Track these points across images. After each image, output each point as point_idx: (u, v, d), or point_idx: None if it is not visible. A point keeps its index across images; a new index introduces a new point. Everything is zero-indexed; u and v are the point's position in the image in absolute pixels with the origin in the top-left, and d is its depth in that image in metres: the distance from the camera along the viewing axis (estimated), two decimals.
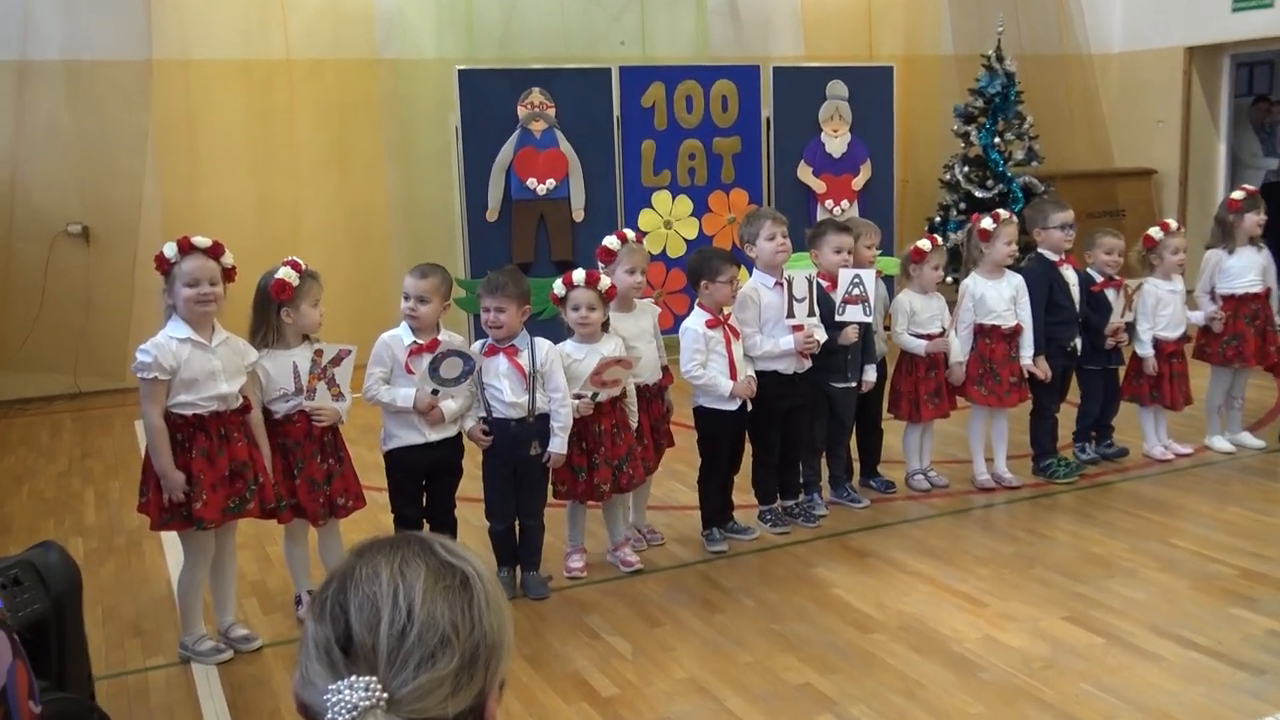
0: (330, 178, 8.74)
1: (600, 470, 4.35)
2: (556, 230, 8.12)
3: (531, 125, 7.99)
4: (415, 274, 4.16)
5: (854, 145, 8.97)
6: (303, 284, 3.95)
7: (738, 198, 8.67)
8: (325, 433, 4.04)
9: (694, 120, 8.48)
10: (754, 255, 4.81)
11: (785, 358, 4.78)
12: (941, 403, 5.34)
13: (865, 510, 5.21)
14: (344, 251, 8.62)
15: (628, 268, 4.56)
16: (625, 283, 4.54)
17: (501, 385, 4.20)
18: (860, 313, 4.90)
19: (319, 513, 4.02)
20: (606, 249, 4.59)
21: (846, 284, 4.90)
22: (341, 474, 4.08)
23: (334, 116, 8.68)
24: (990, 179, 9.68)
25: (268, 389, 3.98)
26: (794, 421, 4.92)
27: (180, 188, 8.33)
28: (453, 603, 1.23)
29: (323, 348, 3.95)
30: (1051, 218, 5.44)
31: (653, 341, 4.65)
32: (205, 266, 3.74)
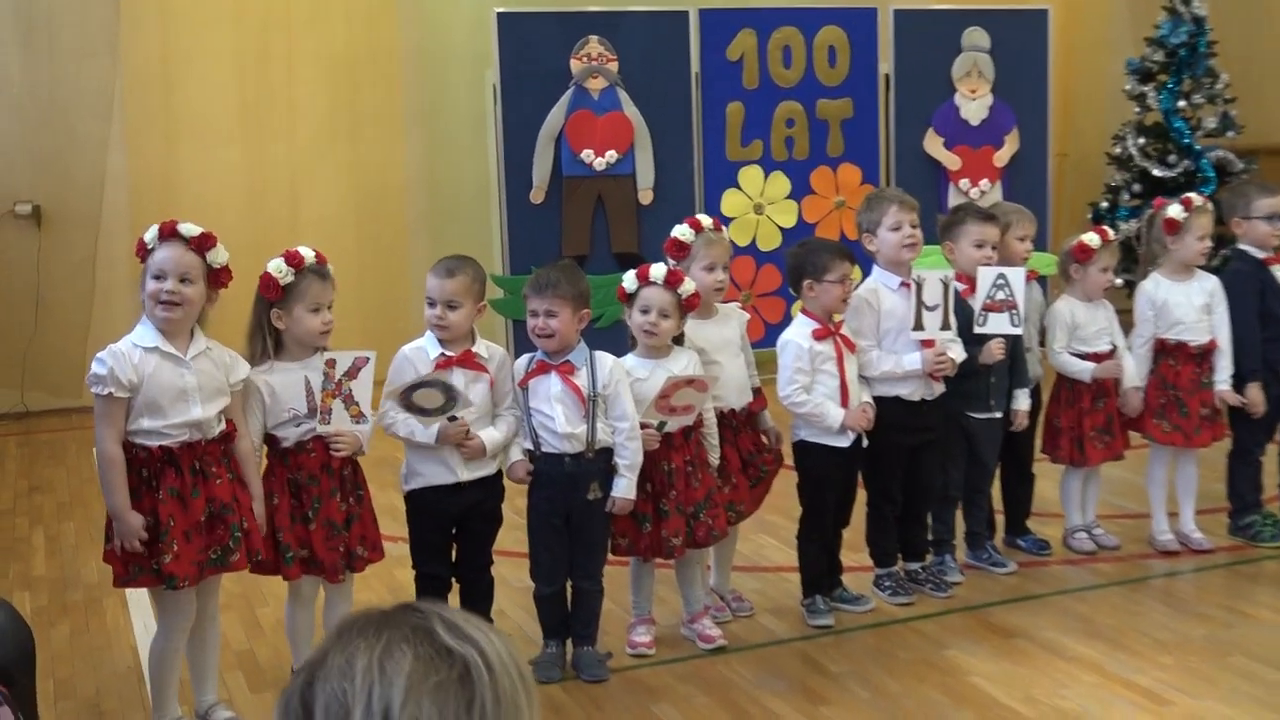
0: (337, 149, 8.86)
1: (671, 520, 4.35)
2: (618, 215, 8.13)
3: (588, 83, 8.02)
4: (439, 272, 4.19)
5: (997, 110, 8.88)
6: (298, 282, 3.99)
7: (848, 175, 8.63)
8: (344, 465, 4.08)
9: (793, 77, 8.46)
10: (874, 249, 4.80)
11: (911, 380, 4.75)
12: (1112, 441, 5.28)
13: (1011, 577, 5.15)
14: (352, 241, 8.73)
15: (706, 263, 4.57)
16: (703, 282, 4.54)
17: (553, 412, 4.21)
18: (1006, 323, 4.86)
19: (337, 565, 4.05)
20: (677, 241, 4.60)
21: (988, 286, 4.86)
22: (360, 517, 4.13)
23: (342, 73, 8.81)
24: (1173, 153, 9.57)
25: (273, 410, 4.03)
26: (921, 462, 4.89)
27: (152, 160, 8.50)
28: (444, 703, 1.22)
29: (335, 356, 3.99)
30: (1256, 204, 5.38)
31: (739, 356, 4.65)
32: (180, 259, 3.79)
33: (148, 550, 3.76)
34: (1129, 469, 5.97)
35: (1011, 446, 5.28)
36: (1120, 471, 6.03)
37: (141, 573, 3.81)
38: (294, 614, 4.21)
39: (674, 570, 4.65)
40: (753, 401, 4.69)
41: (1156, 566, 5.26)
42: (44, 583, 5.47)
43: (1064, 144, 10.17)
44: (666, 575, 4.78)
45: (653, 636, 4.55)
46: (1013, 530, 5.46)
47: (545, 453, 4.25)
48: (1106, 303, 5.36)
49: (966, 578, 5.11)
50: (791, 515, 4.87)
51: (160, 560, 3.76)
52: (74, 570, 5.60)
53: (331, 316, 4.05)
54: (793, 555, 4.89)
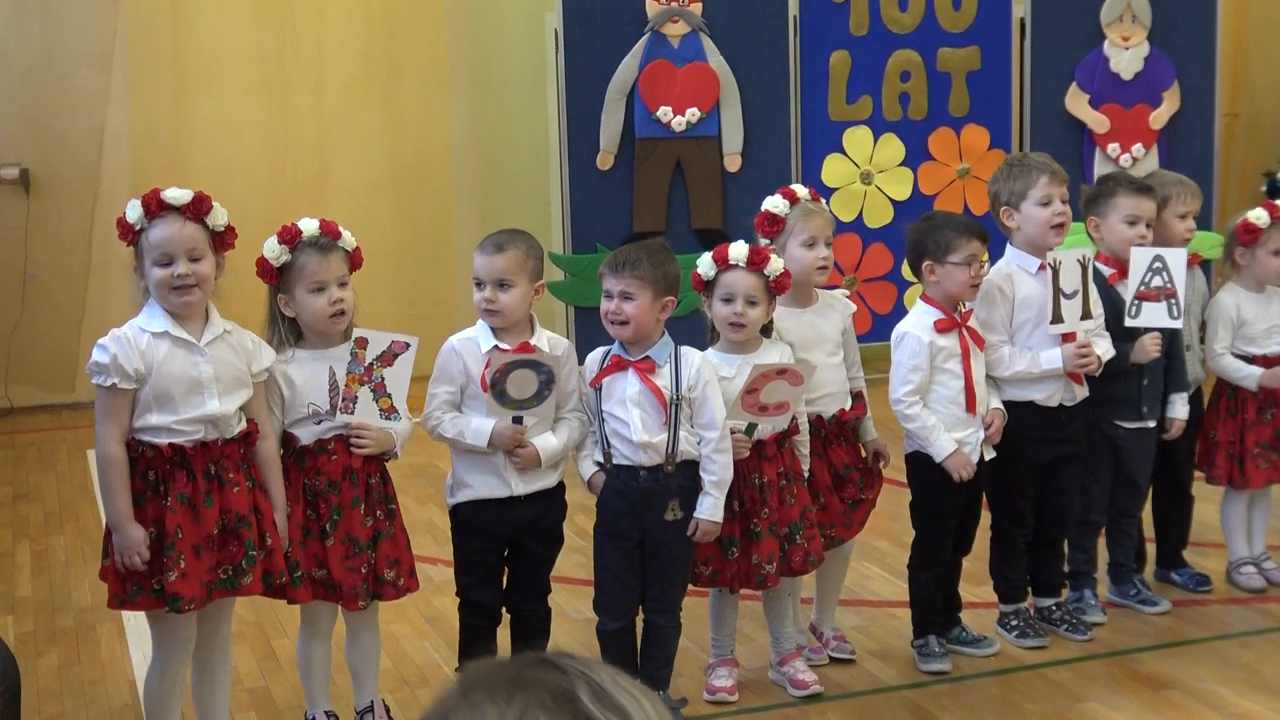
0: (372, 106, 8.96)
1: (763, 543, 4.38)
2: (700, 184, 8.17)
3: (666, 28, 8.07)
4: (488, 248, 4.25)
5: (1154, 62, 8.81)
6: (295, 259, 4.07)
7: (973, 138, 8.61)
8: (372, 471, 4.15)
9: (910, 22, 8.45)
10: (1014, 225, 4.79)
11: (1048, 382, 4.75)
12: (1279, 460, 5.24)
13: (1164, 618, 5.13)
14: (388, 214, 8.84)
15: (805, 238, 4.59)
16: (803, 261, 4.56)
17: (629, 416, 4.25)
18: (1164, 314, 4.85)
19: (357, 590, 4.11)
20: (770, 214, 4.62)
21: (1143, 270, 4.84)
22: (391, 536, 4.18)
23: (378, 16, 8.91)
24: None
25: (291, 405, 4.10)
26: (1058, 479, 4.89)
27: (159, 118, 8.65)
28: None
29: (369, 335, 4.06)
30: None
31: (836, 353, 4.67)
32: (183, 234, 3.87)
33: (149, 566, 3.82)
34: None
35: (1166, 463, 5.25)
36: None
37: (140, 592, 3.86)
38: (306, 646, 4.27)
39: (761, 603, 4.67)
40: (853, 406, 4.70)
41: None
42: (30, 605, 5.59)
43: (1234, 102, 10.06)
44: (753, 609, 4.81)
45: (735, 681, 4.58)
46: (1166, 562, 5.44)
47: (617, 465, 4.28)
48: None
49: (1109, 617, 5.10)
50: (902, 541, 4.89)
51: (164, 578, 3.81)
52: (64, 591, 5.73)
53: (344, 295, 4.08)
54: (902, 588, 4.91)
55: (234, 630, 4.30)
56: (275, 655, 4.97)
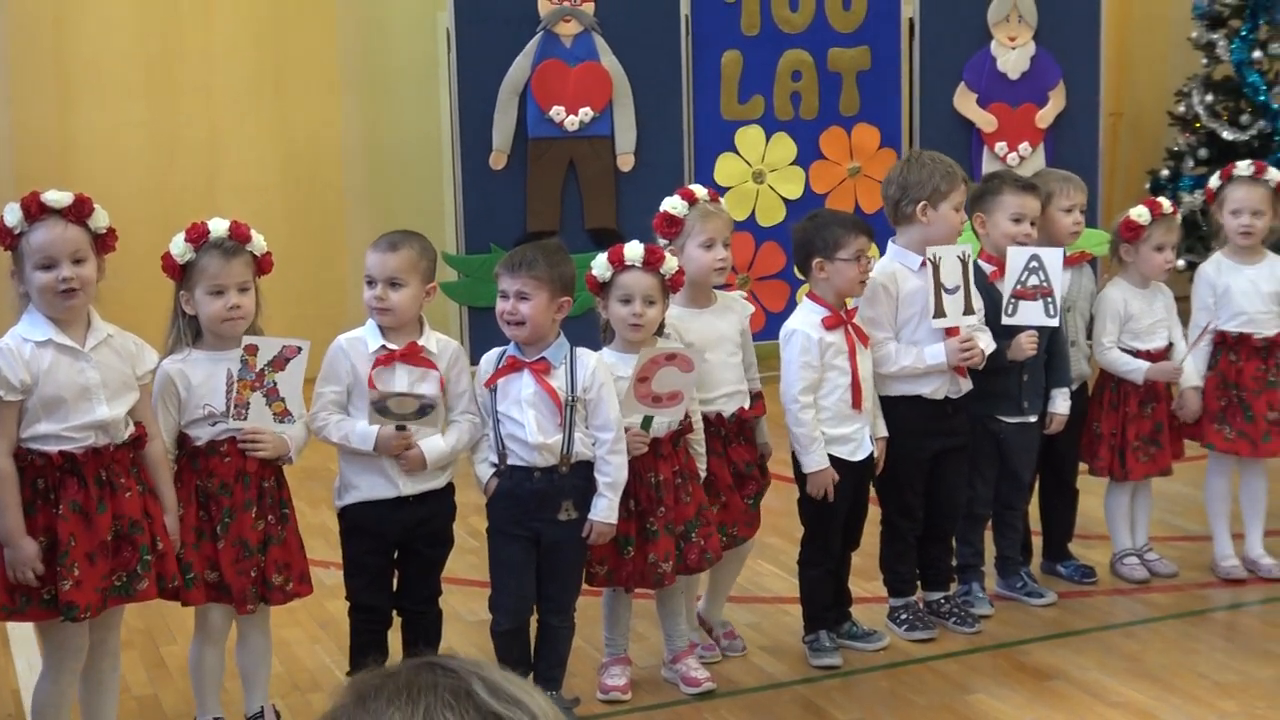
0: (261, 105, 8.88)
1: (659, 542, 4.40)
2: (593, 184, 8.19)
3: (558, 27, 8.08)
4: (382, 246, 4.25)
5: (1040, 61, 8.96)
6: (198, 259, 4.05)
7: (864, 137, 8.70)
8: (266, 475, 4.13)
9: (801, 22, 8.52)
10: (924, 223, 4.83)
11: (933, 376, 4.82)
12: (1159, 454, 5.36)
13: (1049, 609, 5.21)
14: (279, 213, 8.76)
15: (703, 239, 4.62)
16: (701, 262, 4.59)
17: (524, 417, 4.25)
18: (1040, 313, 4.93)
19: (247, 593, 4.09)
20: (668, 215, 4.65)
21: (1020, 269, 4.92)
22: (283, 540, 4.16)
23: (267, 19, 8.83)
24: (1246, 112, 9.63)
25: (187, 406, 4.08)
26: (945, 472, 4.96)
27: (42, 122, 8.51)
28: None
29: (258, 342, 4.04)
30: None
31: (736, 353, 4.70)
32: (64, 237, 3.83)
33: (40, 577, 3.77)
34: (1189, 483, 6.03)
35: (1050, 457, 5.34)
36: (1178, 487, 6.08)
37: (30, 603, 3.81)
38: (199, 651, 4.24)
39: (654, 601, 4.69)
40: (752, 406, 4.73)
41: (1218, 597, 5.32)
42: None
43: (1118, 102, 10.22)
44: (646, 608, 4.83)
45: (628, 679, 4.60)
46: (1052, 555, 5.52)
47: (512, 466, 4.28)
48: (1165, 289, 5.42)
49: (996, 610, 5.16)
50: (794, 537, 4.92)
51: (57, 587, 3.77)
52: None
53: (242, 300, 4.06)
54: (795, 584, 4.94)
55: (122, 638, 4.24)
56: (164, 663, 4.92)
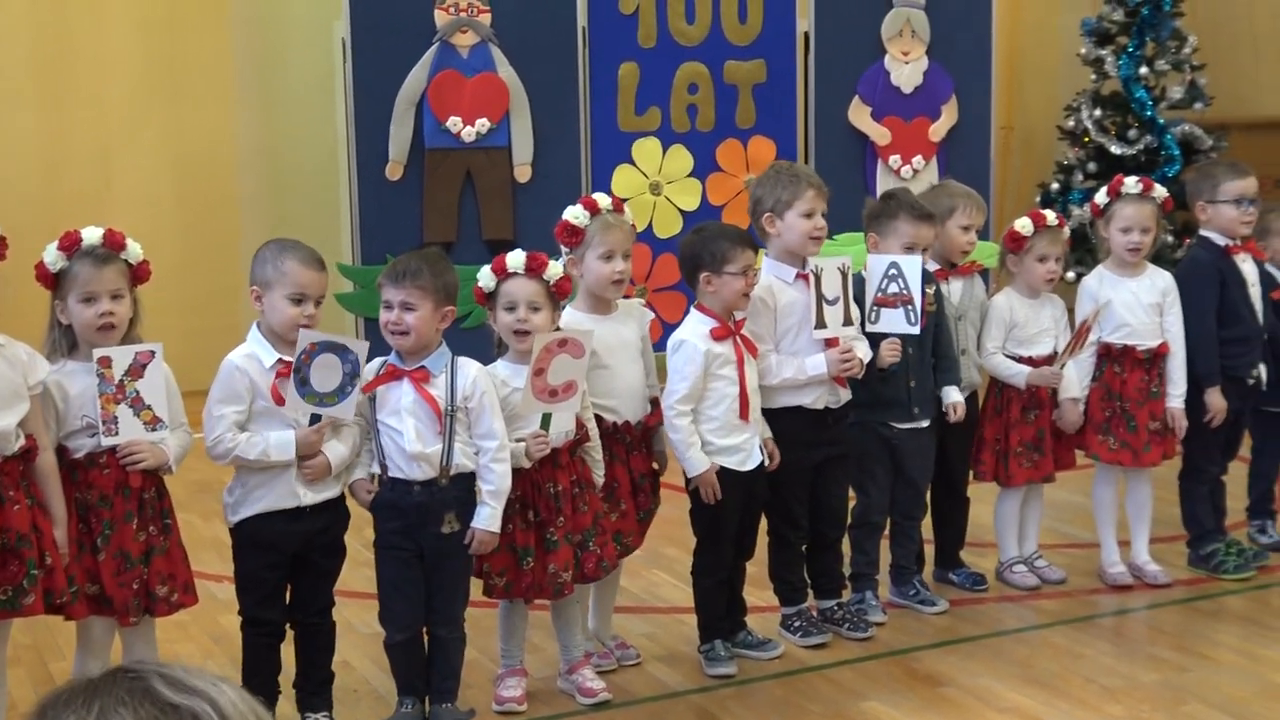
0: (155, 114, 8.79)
1: (558, 551, 4.40)
2: (491, 195, 8.16)
3: (455, 39, 8.05)
4: (311, 264, 4.25)
5: (933, 76, 9.05)
6: (70, 267, 4.00)
7: (760, 150, 8.73)
8: (147, 485, 4.08)
9: (697, 35, 8.55)
10: (773, 233, 4.88)
11: (814, 386, 4.87)
12: (1041, 460, 5.44)
13: (941, 617, 5.27)
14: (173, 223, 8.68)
15: (603, 250, 4.62)
16: (600, 273, 4.60)
17: (403, 427, 4.24)
18: (902, 320, 4.99)
19: (129, 605, 4.04)
20: (569, 225, 4.65)
21: (879, 276, 4.99)
22: (165, 551, 4.11)
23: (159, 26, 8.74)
24: (1134, 127, 9.81)
25: (65, 418, 4.02)
26: (828, 481, 5.01)
27: None
28: None
29: (110, 353, 3.97)
30: (1223, 187, 5.58)
31: (638, 360, 4.73)
32: None
33: None
34: (1078, 491, 6.14)
35: (942, 465, 5.41)
36: (1067, 494, 6.19)
37: None
38: (83, 665, 4.18)
39: (549, 613, 4.69)
40: (650, 414, 4.76)
41: (1105, 603, 5.41)
42: None
43: (1010, 116, 10.38)
44: (541, 619, 4.82)
45: (524, 690, 4.59)
46: (944, 563, 5.59)
47: (393, 477, 4.26)
48: (1056, 299, 5.51)
49: (890, 617, 5.22)
50: (690, 547, 4.93)
51: None
52: None
53: (115, 308, 4.00)
54: (689, 593, 4.95)
55: (9, 654, 4.18)
56: (53, 679, 4.83)
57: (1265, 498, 5.96)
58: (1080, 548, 5.92)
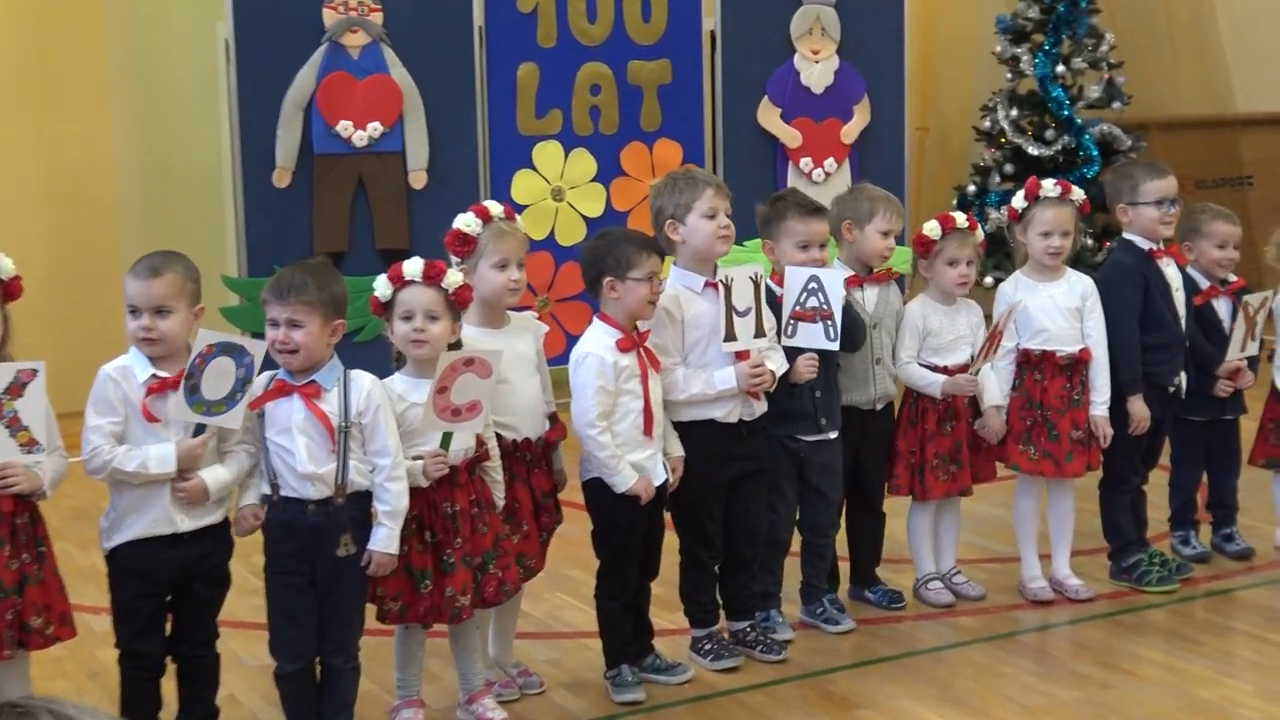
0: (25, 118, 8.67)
1: (457, 574, 4.37)
2: (384, 202, 8.13)
3: (345, 39, 8.02)
4: (141, 272, 4.19)
5: (845, 76, 9.14)
6: None
7: (666, 153, 8.78)
8: (18, 511, 4.01)
9: (599, 34, 8.58)
10: (678, 240, 4.90)
11: (726, 399, 4.87)
12: (958, 473, 5.48)
13: (858, 636, 5.29)
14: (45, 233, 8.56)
15: (496, 259, 4.61)
16: (493, 283, 4.59)
17: (294, 444, 4.20)
18: (821, 335, 5.01)
19: (2, 638, 3.96)
20: (461, 233, 4.63)
21: (799, 290, 5.00)
22: (40, 580, 4.05)
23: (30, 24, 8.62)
24: (1052, 127, 9.93)
25: None
26: (744, 497, 5.01)
27: None
28: None
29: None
30: (1143, 188, 5.65)
31: (534, 375, 4.71)
32: None
33: None
34: (998, 504, 6.19)
35: (856, 479, 5.43)
36: (986, 507, 6.24)
37: None
38: None
39: (447, 639, 4.66)
40: (549, 431, 4.75)
41: (1026, 619, 5.46)
42: None
43: (924, 116, 10.48)
44: (439, 646, 4.79)
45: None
46: (860, 580, 5.61)
47: (285, 497, 4.22)
48: (973, 305, 5.54)
49: (803, 638, 5.23)
50: (593, 568, 4.91)
51: None
52: None
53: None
54: (594, 617, 4.92)
55: None
56: None
57: (1187, 508, 6.04)
58: (1000, 562, 5.97)
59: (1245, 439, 6.08)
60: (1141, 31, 10.81)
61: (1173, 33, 11.04)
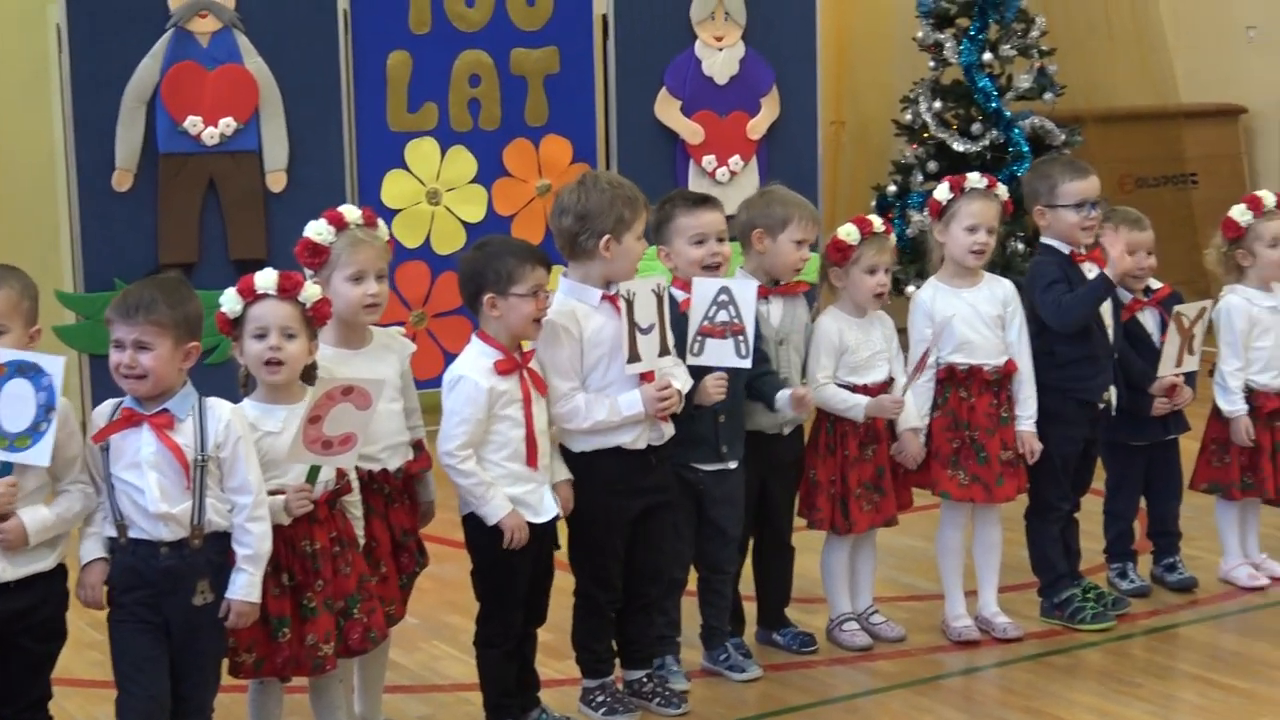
0: None
1: (318, 620, 4.35)
2: (238, 207, 8.10)
3: (193, 25, 7.99)
4: None
5: (751, 65, 9.20)
6: None
7: (554, 151, 8.80)
8: None
9: (478, 19, 8.60)
10: (608, 256, 4.87)
11: (631, 425, 4.89)
12: (881, 501, 5.51)
13: (760, 684, 5.31)
14: None
15: (351, 271, 4.60)
16: (348, 299, 4.58)
17: (144, 483, 4.16)
18: (730, 352, 5.03)
19: None
20: (311, 243, 4.62)
21: (707, 303, 5.02)
22: None
23: None
24: (979, 120, 10.01)
25: None
26: (650, 533, 5.01)
27: None
28: None
29: None
30: (1061, 189, 5.71)
31: (396, 400, 4.71)
32: None
33: None
34: (919, 536, 6.25)
35: (764, 511, 5.46)
36: (906, 540, 6.29)
37: None
38: None
39: (309, 694, 4.64)
40: (413, 460, 4.75)
41: (950, 662, 5.51)
42: None
43: (839, 109, 10.56)
44: (298, 702, 4.75)
45: None
46: (768, 622, 5.63)
47: (134, 539, 4.17)
48: (885, 317, 5.59)
49: (706, 687, 5.24)
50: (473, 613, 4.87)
51: None
52: None
53: None
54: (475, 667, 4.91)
55: None
56: None
57: (1124, 538, 6.12)
58: (921, 600, 6.02)
59: (1185, 460, 6.16)
60: (1075, 15, 10.90)
61: (1110, 17, 11.15)
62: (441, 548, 4.90)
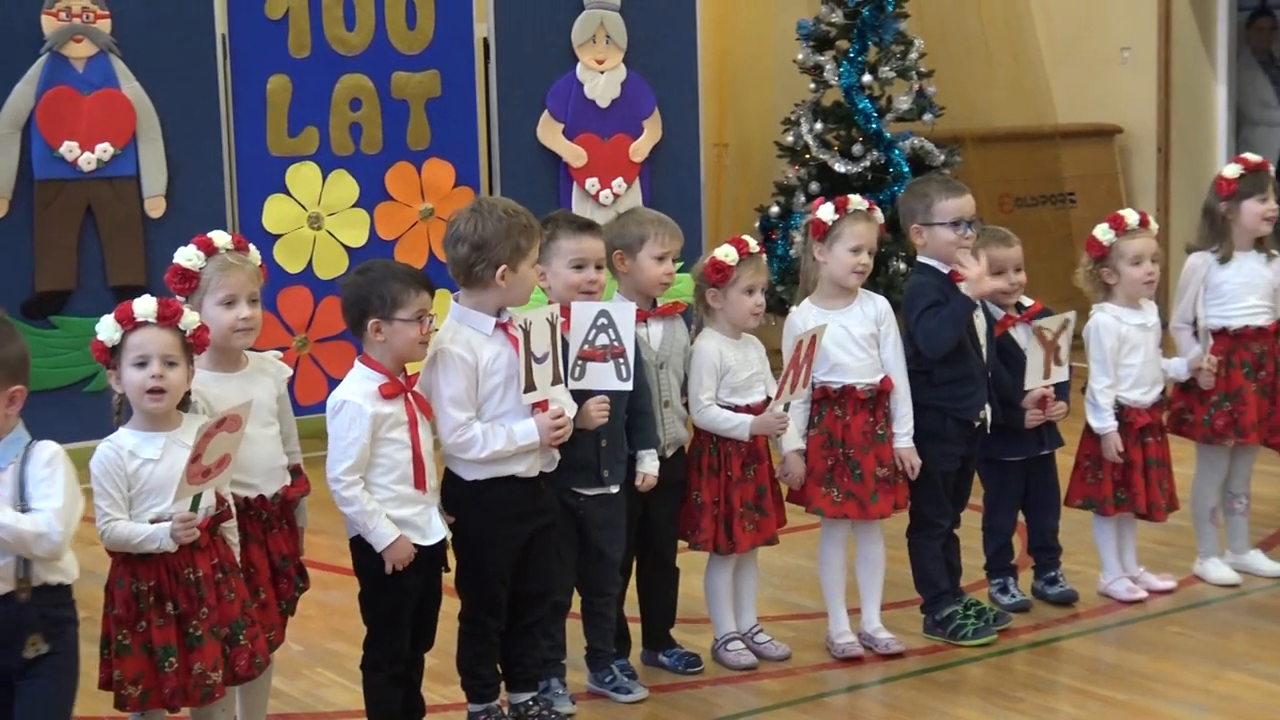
0: None
1: (204, 648, 4.31)
2: (117, 233, 8.05)
3: (68, 50, 7.94)
4: None
5: (633, 88, 9.26)
6: None
7: (437, 174, 8.82)
8: None
9: (358, 42, 8.60)
10: (503, 285, 4.86)
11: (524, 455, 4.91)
12: (763, 520, 5.58)
13: (646, 705, 5.35)
14: None
15: (222, 296, 4.59)
16: (219, 324, 4.57)
17: None
18: (611, 375, 5.09)
19: None
20: (180, 269, 4.60)
21: (586, 327, 5.07)
22: None
23: None
24: (860, 142, 10.11)
25: None
26: (535, 556, 5.04)
27: None
28: None
29: None
30: (937, 207, 5.80)
31: (271, 424, 4.71)
32: None
33: None
34: (803, 554, 6.31)
35: (648, 533, 5.52)
36: (790, 558, 6.36)
37: None
38: None
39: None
40: (290, 486, 4.75)
41: (834, 679, 5.57)
42: None
43: (722, 131, 10.61)
44: None
45: None
46: (653, 643, 5.68)
47: None
48: (755, 340, 5.67)
49: (591, 709, 5.28)
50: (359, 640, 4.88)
51: None
52: None
53: None
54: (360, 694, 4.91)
55: None
56: None
57: (1004, 553, 6.22)
58: (805, 618, 6.08)
59: (1062, 475, 6.27)
60: (953, 37, 11.03)
61: (987, 39, 11.30)
62: (327, 574, 4.89)
